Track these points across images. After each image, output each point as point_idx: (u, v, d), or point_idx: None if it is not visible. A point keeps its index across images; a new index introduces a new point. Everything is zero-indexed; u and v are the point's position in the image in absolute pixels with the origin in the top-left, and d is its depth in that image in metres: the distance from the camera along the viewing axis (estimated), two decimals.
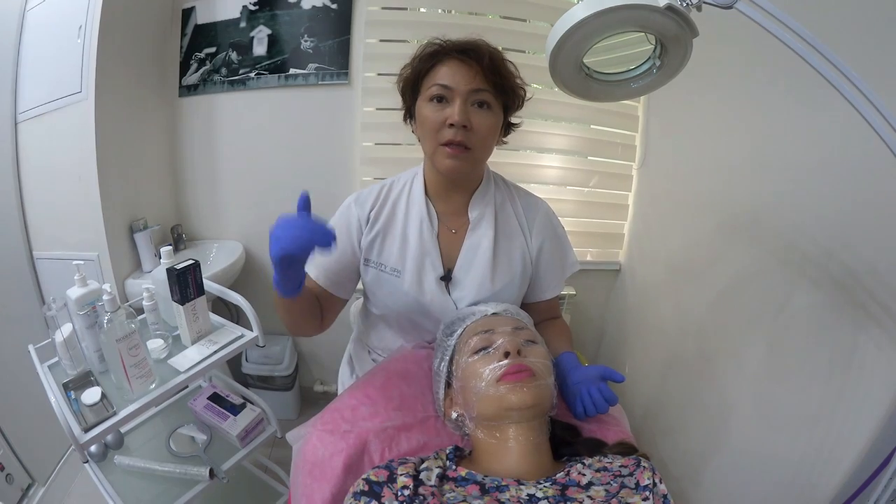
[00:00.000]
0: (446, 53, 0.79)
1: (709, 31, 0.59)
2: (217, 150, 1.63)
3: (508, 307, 0.83)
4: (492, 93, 0.78)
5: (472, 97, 0.78)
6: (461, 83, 0.77)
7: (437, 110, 0.79)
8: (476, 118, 0.78)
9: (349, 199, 0.93)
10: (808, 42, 0.47)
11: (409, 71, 0.84)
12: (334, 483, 0.68)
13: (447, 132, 0.78)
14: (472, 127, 0.78)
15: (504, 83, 0.79)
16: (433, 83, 0.79)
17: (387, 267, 0.88)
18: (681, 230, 1.37)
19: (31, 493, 1.31)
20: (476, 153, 0.81)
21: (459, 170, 0.81)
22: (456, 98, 0.77)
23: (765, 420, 0.98)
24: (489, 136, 0.81)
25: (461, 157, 0.79)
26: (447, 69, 0.78)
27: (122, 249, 1.41)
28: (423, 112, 0.81)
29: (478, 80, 0.77)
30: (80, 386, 0.89)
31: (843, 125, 0.78)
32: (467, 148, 0.79)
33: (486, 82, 0.77)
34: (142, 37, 1.46)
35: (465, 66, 0.77)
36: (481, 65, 0.76)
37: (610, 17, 0.51)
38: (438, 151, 0.80)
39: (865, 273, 0.79)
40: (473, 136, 0.78)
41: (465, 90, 0.77)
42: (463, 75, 0.77)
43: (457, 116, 0.76)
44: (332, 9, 1.48)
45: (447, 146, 0.79)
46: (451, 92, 0.77)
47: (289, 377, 1.76)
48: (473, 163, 0.83)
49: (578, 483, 0.62)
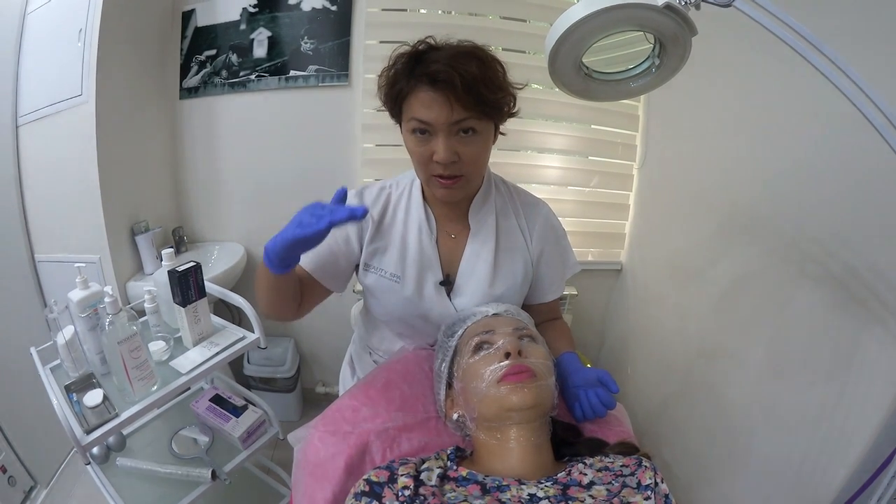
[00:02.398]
0: (418, 79, 0.71)
1: (708, 29, 0.59)
2: (218, 153, 1.64)
3: (509, 308, 0.83)
4: (474, 117, 0.72)
5: (454, 128, 0.73)
6: (439, 117, 0.71)
7: (421, 143, 0.75)
8: (463, 148, 0.74)
9: (350, 193, 0.90)
10: (806, 39, 0.47)
11: (385, 85, 0.77)
12: (336, 484, 0.68)
13: (436, 167, 0.76)
14: (461, 157, 0.75)
15: (487, 102, 0.72)
16: (411, 116, 0.74)
17: (386, 272, 0.88)
18: (682, 229, 1.37)
19: (33, 495, 1.31)
20: (470, 177, 0.79)
21: (455, 196, 0.82)
22: (438, 133, 0.72)
23: (766, 419, 0.97)
24: (480, 158, 0.79)
25: (455, 185, 0.78)
26: (421, 102, 0.72)
27: (124, 252, 1.42)
28: (409, 143, 0.78)
29: (456, 111, 0.70)
30: (81, 388, 0.89)
31: (843, 123, 0.78)
32: (459, 177, 0.77)
33: (465, 110, 0.71)
34: (142, 40, 1.47)
35: (440, 97, 0.70)
36: (455, 93, 0.69)
37: (608, 16, 0.51)
38: (431, 182, 0.79)
39: (866, 271, 0.78)
40: (464, 165, 0.76)
41: (445, 124, 0.71)
42: (439, 107, 0.70)
43: (442, 154, 0.73)
44: (331, 11, 1.48)
45: (438, 178, 0.77)
46: (432, 126, 0.72)
47: (290, 379, 1.77)
48: (468, 187, 0.82)
49: (580, 483, 0.62)
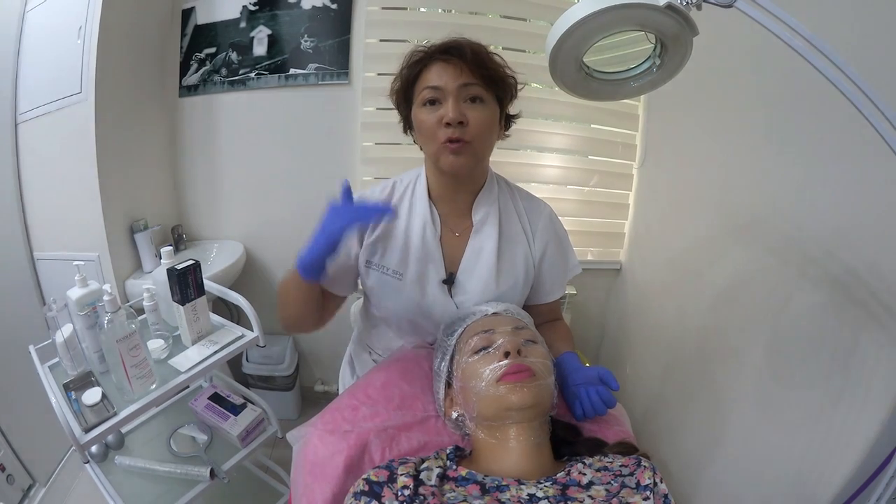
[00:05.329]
0: (429, 57, 0.80)
1: (709, 29, 0.59)
2: (217, 151, 1.63)
3: (509, 307, 0.83)
4: (482, 86, 0.79)
5: (463, 93, 0.78)
6: (449, 81, 0.78)
7: (431, 112, 0.80)
8: (471, 113, 0.79)
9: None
10: (808, 40, 0.47)
11: (399, 82, 0.85)
12: (335, 483, 0.68)
13: (445, 131, 0.78)
14: (469, 122, 0.78)
15: (492, 74, 0.80)
16: (423, 87, 0.80)
17: (389, 269, 0.88)
18: (681, 229, 1.37)
19: (31, 493, 1.31)
20: (476, 146, 0.81)
21: (463, 165, 0.82)
22: (448, 97, 0.78)
23: (765, 419, 0.97)
24: (487, 130, 0.82)
25: (463, 151, 0.80)
26: (433, 72, 0.79)
27: (123, 250, 1.42)
28: (419, 117, 0.82)
29: (465, 75, 0.78)
30: (80, 386, 0.89)
31: (844, 123, 0.78)
32: (467, 142, 0.79)
33: (474, 76, 0.78)
34: (142, 37, 1.46)
35: (451, 66, 0.78)
36: (465, 60, 0.77)
37: (610, 15, 0.51)
38: (440, 151, 0.81)
39: (866, 272, 0.78)
40: (471, 130, 0.79)
41: (455, 87, 0.77)
42: (450, 74, 0.78)
43: (451, 113, 0.77)
44: (331, 9, 1.48)
45: (447, 143, 0.79)
46: (442, 92, 0.78)
47: (289, 377, 1.77)
48: (475, 157, 0.83)
49: (579, 483, 0.62)
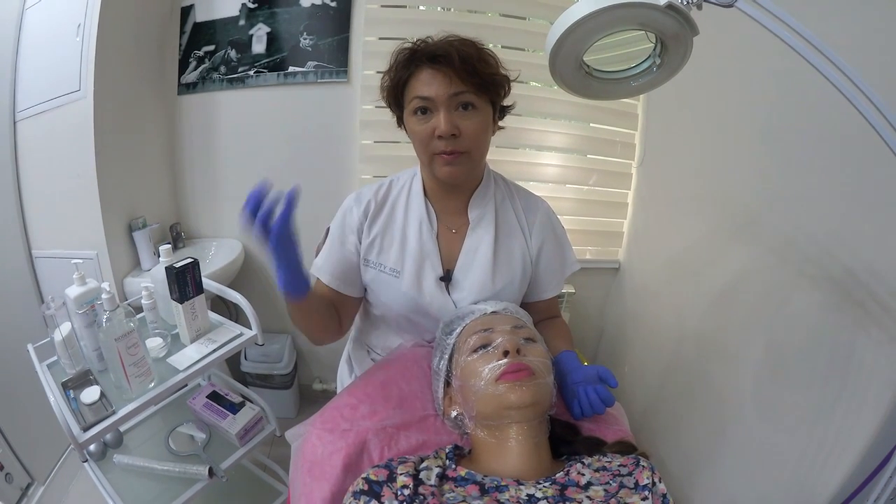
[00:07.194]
0: (419, 61, 0.77)
1: (709, 29, 0.59)
2: (216, 149, 1.63)
3: (508, 306, 0.83)
4: (473, 92, 0.77)
5: (453, 101, 0.76)
6: (439, 91, 0.76)
7: (423, 122, 0.79)
8: (463, 122, 0.77)
9: (349, 198, 0.93)
10: (807, 40, 0.47)
11: (388, 81, 0.83)
12: (333, 482, 0.68)
13: (438, 143, 0.78)
14: (461, 132, 0.77)
15: (482, 79, 0.77)
16: (413, 96, 0.79)
17: (386, 267, 0.88)
18: (680, 228, 1.37)
19: (30, 492, 1.31)
20: (472, 154, 0.81)
21: (458, 174, 0.82)
22: (439, 107, 0.76)
23: (764, 419, 0.98)
24: (481, 136, 0.81)
25: (457, 161, 0.80)
26: (422, 80, 0.77)
27: (121, 248, 1.41)
28: (411, 126, 0.81)
29: (455, 84, 0.75)
30: (78, 385, 0.89)
31: (843, 123, 0.78)
32: (462, 153, 0.79)
33: (464, 84, 0.76)
34: (141, 35, 1.46)
35: (440, 74, 0.76)
36: (453, 68, 0.75)
37: (610, 15, 0.51)
38: (434, 161, 0.81)
39: (865, 272, 0.79)
40: (464, 141, 0.78)
41: (445, 97, 0.76)
42: (439, 82, 0.76)
43: (443, 126, 0.76)
44: (331, 6, 1.48)
45: (441, 155, 0.79)
46: (432, 102, 0.77)
47: (288, 375, 1.77)
48: (471, 164, 0.83)
49: (577, 483, 0.62)
